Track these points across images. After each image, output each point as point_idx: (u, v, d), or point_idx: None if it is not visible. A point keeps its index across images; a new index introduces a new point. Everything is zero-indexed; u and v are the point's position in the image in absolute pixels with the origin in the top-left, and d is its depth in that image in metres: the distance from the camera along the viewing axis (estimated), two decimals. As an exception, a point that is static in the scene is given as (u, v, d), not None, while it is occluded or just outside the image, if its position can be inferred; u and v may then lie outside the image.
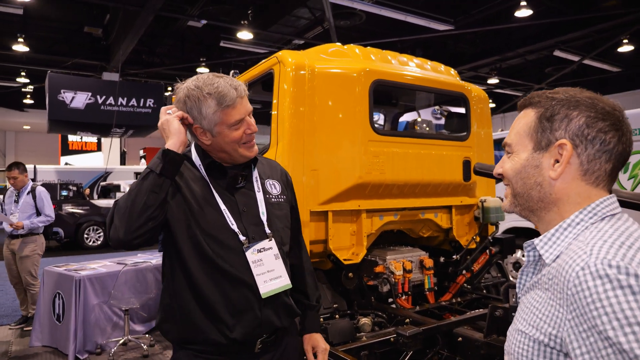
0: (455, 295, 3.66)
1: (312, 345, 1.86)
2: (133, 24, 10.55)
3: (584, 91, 1.01)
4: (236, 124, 1.59)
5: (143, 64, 14.55)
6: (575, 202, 0.97)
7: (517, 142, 1.05)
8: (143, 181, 1.50)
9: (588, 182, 0.96)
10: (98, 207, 13.14)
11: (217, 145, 1.63)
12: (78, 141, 23.88)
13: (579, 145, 0.95)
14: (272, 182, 1.81)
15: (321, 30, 12.16)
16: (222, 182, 1.67)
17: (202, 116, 1.58)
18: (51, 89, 11.91)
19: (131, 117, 13.03)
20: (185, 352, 1.63)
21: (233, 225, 1.61)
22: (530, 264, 1.04)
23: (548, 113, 0.99)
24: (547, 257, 0.96)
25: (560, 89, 1.03)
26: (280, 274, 1.66)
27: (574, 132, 0.96)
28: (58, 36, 12.84)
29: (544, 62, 15.47)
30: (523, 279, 1.05)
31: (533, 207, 1.03)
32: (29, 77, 15.05)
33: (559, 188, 0.98)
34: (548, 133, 0.99)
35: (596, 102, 0.97)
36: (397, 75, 3.43)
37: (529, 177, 1.01)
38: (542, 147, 1.00)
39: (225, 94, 1.56)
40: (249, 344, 1.62)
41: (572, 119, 0.96)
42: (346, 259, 3.21)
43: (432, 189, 3.56)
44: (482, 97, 3.96)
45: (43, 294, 5.16)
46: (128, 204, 1.48)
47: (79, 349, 4.70)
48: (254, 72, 3.55)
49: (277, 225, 1.73)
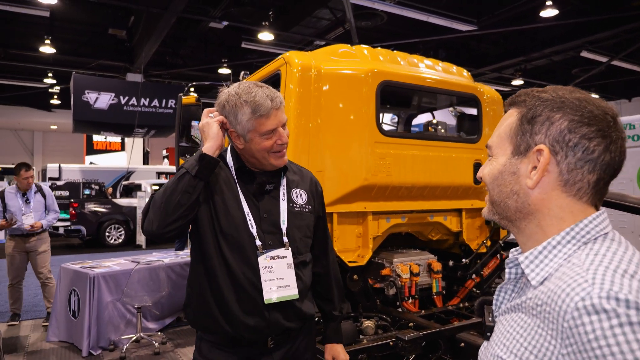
0: (463, 300, 3.59)
1: (332, 355, 1.92)
2: (156, 26, 10.72)
3: (576, 91, 0.90)
4: (268, 134, 1.66)
5: (166, 65, 14.79)
6: (557, 216, 0.87)
7: (497, 144, 0.96)
8: (179, 181, 1.59)
9: (569, 194, 0.86)
10: (120, 206, 13.39)
11: (248, 151, 1.71)
12: (102, 141, 24.39)
13: (559, 152, 0.85)
14: (299, 191, 1.85)
15: (342, 31, 12.13)
16: (250, 187, 1.74)
17: (237, 121, 1.66)
18: (76, 90, 12.20)
19: (153, 118, 13.25)
20: (206, 344, 1.73)
21: (253, 228, 1.68)
22: (510, 281, 0.95)
23: (530, 114, 0.89)
24: (533, 279, 0.86)
25: (551, 87, 0.93)
26: (289, 284, 1.69)
27: (555, 137, 0.86)
28: (83, 38, 13.14)
29: (571, 63, 15.09)
30: (501, 296, 0.96)
31: (511, 217, 0.93)
32: (55, 78, 15.43)
33: (537, 198, 0.88)
34: (528, 136, 0.89)
35: (584, 105, 0.86)
36: (406, 76, 3.39)
37: (505, 184, 0.92)
38: (521, 152, 0.90)
39: (261, 103, 1.63)
40: (260, 341, 1.69)
41: (554, 122, 0.86)
42: (351, 261, 3.18)
43: (441, 191, 3.50)
44: (496, 99, 3.88)
45: (60, 291, 5.28)
46: (163, 201, 1.58)
47: (93, 345, 4.79)
48: (263, 72, 3.56)
49: (295, 234, 1.77)
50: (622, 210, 2.12)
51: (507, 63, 14.22)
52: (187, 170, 1.60)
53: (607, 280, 0.73)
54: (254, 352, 1.70)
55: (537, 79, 16.22)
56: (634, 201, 2.08)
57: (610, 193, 1.93)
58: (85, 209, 12.68)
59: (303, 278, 1.77)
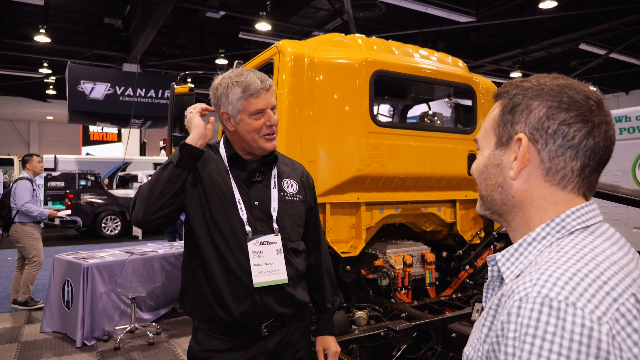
0: (456, 291, 3.58)
1: (323, 347, 1.94)
2: (153, 16, 10.65)
3: (560, 78, 0.88)
4: (256, 114, 1.72)
5: (163, 55, 14.70)
6: (540, 208, 0.85)
7: (483, 137, 0.95)
8: (162, 171, 1.66)
9: (552, 183, 0.84)
10: (116, 197, 13.36)
11: (239, 134, 1.76)
12: (99, 132, 24.27)
13: (539, 140, 0.83)
14: (289, 181, 1.89)
15: (340, 22, 12.06)
16: (241, 175, 1.79)
17: (228, 102, 1.73)
18: (71, 80, 12.11)
19: (150, 109, 13.18)
20: (202, 332, 1.76)
21: (243, 214, 1.71)
22: (494, 279, 0.93)
23: (510, 104, 0.88)
24: (507, 276, 0.84)
25: (535, 76, 0.91)
26: (278, 268, 1.73)
27: (534, 125, 0.84)
28: (79, 27, 13.05)
29: (569, 56, 15.06)
30: (489, 293, 0.95)
31: (499, 211, 0.92)
32: (51, 68, 15.34)
33: (519, 189, 0.86)
34: (509, 127, 0.87)
35: (564, 91, 0.84)
36: (400, 65, 3.35)
37: (491, 177, 0.91)
38: (503, 143, 0.89)
39: (251, 83, 1.71)
40: (254, 327, 1.72)
41: (533, 110, 0.84)
42: (344, 252, 3.16)
43: (435, 182, 3.48)
44: (491, 90, 3.85)
45: (53, 282, 5.26)
46: (147, 190, 1.64)
47: (87, 336, 4.79)
48: (256, 61, 3.52)
49: (286, 222, 1.80)
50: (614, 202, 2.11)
51: (506, 55, 14.19)
52: (170, 161, 1.66)
53: (550, 281, 0.70)
54: (248, 340, 1.72)
55: (535, 71, 16.16)
56: (627, 192, 2.07)
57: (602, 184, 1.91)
58: (81, 200, 12.65)
59: (295, 265, 1.80)
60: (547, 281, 0.70)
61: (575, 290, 0.68)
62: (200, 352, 1.75)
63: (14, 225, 5.94)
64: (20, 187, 5.88)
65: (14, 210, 5.92)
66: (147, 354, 4.64)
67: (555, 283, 0.69)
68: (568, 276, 0.70)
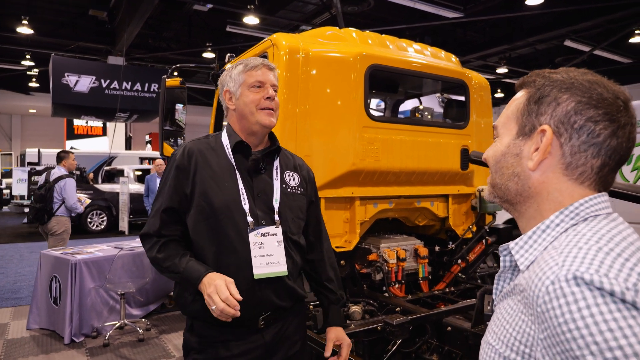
0: (449, 285, 3.61)
1: (337, 337, 1.89)
2: (138, 8, 10.47)
3: (588, 74, 0.87)
4: (255, 85, 1.75)
5: (149, 48, 14.51)
6: (556, 200, 0.85)
7: (503, 124, 0.94)
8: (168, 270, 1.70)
9: (571, 177, 0.84)
10: (102, 191, 13.18)
11: (238, 110, 1.77)
12: (83, 125, 23.88)
13: (563, 134, 0.83)
14: (291, 174, 1.89)
15: (329, 16, 12.02)
16: (245, 164, 1.77)
17: (231, 78, 1.79)
18: (55, 72, 11.89)
19: (136, 102, 13.00)
20: (198, 323, 1.74)
21: (245, 205, 1.70)
22: (507, 269, 0.94)
23: (538, 94, 0.87)
24: (521, 263, 0.85)
25: (563, 68, 0.90)
26: (279, 260, 1.72)
27: (560, 118, 0.83)
28: (63, 19, 12.80)
29: (554, 52, 15.23)
30: (500, 284, 0.95)
31: (512, 201, 0.91)
32: (34, 60, 15.04)
33: (537, 181, 0.86)
34: (533, 117, 0.86)
35: (594, 87, 0.83)
36: (394, 60, 3.35)
37: (508, 166, 0.90)
38: (526, 133, 0.88)
39: (252, 60, 1.79)
40: (251, 320, 1.70)
41: (561, 103, 0.84)
42: (338, 247, 3.16)
43: (428, 177, 3.49)
44: (483, 85, 3.88)
45: (40, 277, 5.18)
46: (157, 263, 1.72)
47: (75, 332, 4.73)
48: (250, 54, 3.48)
49: (287, 214, 1.79)
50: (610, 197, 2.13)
51: (492, 51, 14.29)
52: (181, 274, 1.66)
53: (577, 259, 0.71)
54: (244, 332, 1.71)
55: (521, 67, 16.34)
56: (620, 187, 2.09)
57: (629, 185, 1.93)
58: (66, 195, 12.44)
59: (294, 257, 1.80)
60: (573, 261, 0.71)
61: (602, 265, 0.70)
62: (197, 343, 1.74)
63: (55, 218, 6.27)
64: (69, 184, 6.35)
65: (56, 204, 6.29)
66: (137, 350, 4.60)
67: (582, 262, 0.71)
68: (592, 255, 0.71)
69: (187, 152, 1.74)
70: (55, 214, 6.25)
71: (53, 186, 6.35)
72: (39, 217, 6.27)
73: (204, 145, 1.79)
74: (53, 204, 6.27)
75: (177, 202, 1.71)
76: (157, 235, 1.72)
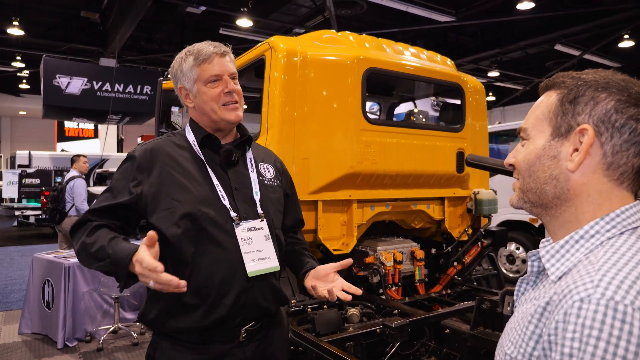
0: (445, 287, 3.63)
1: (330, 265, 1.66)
2: (131, 9, 10.42)
3: (617, 73, 0.86)
4: (212, 81, 1.59)
5: (141, 50, 14.42)
6: (595, 202, 0.82)
7: (534, 125, 0.90)
8: (96, 259, 1.47)
9: (611, 178, 0.82)
10: (93, 194, 13.05)
11: (198, 108, 1.63)
12: (74, 128, 23.67)
13: (604, 133, 0.81)
14: (265, 165, 1.78)
15: (322, 19, 12.03)
16: (216, 158, 1.64)
17: (184, 75, 1.62)
18: (46, 74, 11.78)
19: (128, 104, 12.90)
20: (169, 342, 1.56)
21: (225, 201, 1.57)
22: (532, 273, 0.92)
23: (572, 95, 0.85)
24: (552, 273, 0.83)
25: (590, 70, 0.89)
26: (269, 255, 1.61)
27: (600, 117, 0.81)
28: (54, 20, 12.68)
29: (545, 56, 15.36)
30: (522, 287, 0.94)
31: (547, 205, 0.88)
32: (24, 61, 14.87)
33: (577, 182, 0.83)
34: (569, 117, 0.84)
35: (630, 86, 0.83)
36: (391, 63, 3.37)
37: (544, 169, 0.87)
38: (562, 134, 0.85)
39: (202, 50, 1.59)
40: (233, 329, 1.55)
41: (599, 102, 0.82)
42: (336, 249, 3.17)
43: (424, 180, 3.51)
44: (478, 89, 3.91)
45: (32, 281, 5.13)
46: (83, 251, 1.50)
47: (68, 337, 4.69)
48: (247, 58, 3.49)
49: (269, 207, 1.69)
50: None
51: (484, 55, 14.38)
52: (109, 259, 1.42)
53: (613, 284, 0.68)
54: (224, 348, 1.56)
55: (512, 70, 16.46)
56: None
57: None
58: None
59: (279, 252, 1.68)
60: (610, 283, 0.69)
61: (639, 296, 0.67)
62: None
63: (68, 218, 6.60)
64: (77, 185, 6.65)
65: (68, 204, 6.62)
66: (131, 355, 4.56)
67: (620, 286, 0.68)
68: (632, 279, 0.69)
69: (150, 151, 1.59)
70: (67, 214, 6.57)
71: (64, 187, 6.71)
72: (52, 217, 6.73)
73: (167, 143, 1.65)
74: (65, 204, 6.61)
75: (131, 202, 1.54)
76: (89, 221, 1.54)
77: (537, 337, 0.77)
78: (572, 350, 0.68)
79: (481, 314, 2.50)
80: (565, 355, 0.68)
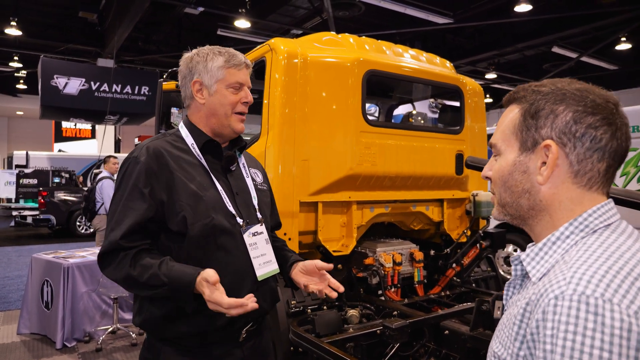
0: (444, 289, 3.64)
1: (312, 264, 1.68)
2: (129, 10, 10.42)
3: (574, 82, 0.90)
4: (236, 86, 1.60)
5: (139, 50, 14.39)
6: (567, 208, 0.87)
7: (503, 140, 0.95)
8: (150, 287, 1.45)
9: (580, 184, 0.86)
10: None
11: (210, 107, 1.61)
12: (72, 128, 23.62)
13: (567, 144, 0.85)
14: (254, 170, 1.83)
15: (320, 20, 12.05)
16: (216, 164, 1.65)
17: (207, 70, 1.59)
18: (44, 74, 11.76)
19: (125, 105, 12.89)
20: (172, 347, 1.55)
21: (230, 206, 1.58)
22: (517, 277, 0.96)
23: (532, 109, 0.89)
24: (533, 275, 0.87)
25: (548, 80, 0.92)
26: (271, 259, 1.66)
27: (561, 129, 0.85)
28: (52, 20, 12.66)
29: (542, 58, 15.43)
30: (510, 291, 0.98)
31: (524, 216, 0.93)
32: (22, 61, 14.84)
33: (548, 194, 0.88)
34: (533, 131, 0.88)
35: (585, 95, 0.86)
36: (391, 65, 3.39)
37: (517, 184, 0.91)
38: (529, 148, 0.89)
39: (235, 55, 1.61)
40: (235, 331, 1.59)
41: (559, 114, 0.86)
42: (335, 251, 3.19)
43: (424, 181, 3.53)
44: (477, 91, 3.93)
45: (31, 281, 5.12)
46: (128, 283, 1.47)
47: (67, 337, 4.68)
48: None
49: (265, 211, 1.74)
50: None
51: (481, 57, 14.42)
52: (167, 286, 1.42)
53: (584, 279, 0.73)
54: (225, 349, 1.58)
55: (509, 72, 16.53)
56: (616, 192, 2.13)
57: (625, 191, 1.97)
58: (55, 198, 12.33)
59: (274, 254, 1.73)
60: (581, 279, 0.73)
61: (609, 287, 0.71)
62: None
63: (98, 216, 7.09)
64: (106, 185, 7.07)
65: (98, 203, 7.06)
66: (130, 355, 4.56)
67: (590, 281, 0.72)
68: (601, 274, 0.73)
69: (154, 153, 1.54)
70: (97, 213, 7.03)
71: (95, 187, 7.19)
72: (85, 215, 7.32)
73: (167, 144, 1.60)
74: (96, 202, 7.06)
75: (154, 212, 1.49)
76: (123, 249, 1.47)
77: (522, 338, 0.81)
78: (553, 346, 0.71)
79: (481, 315, 2.52)
80: (547, 352, 0.72)
